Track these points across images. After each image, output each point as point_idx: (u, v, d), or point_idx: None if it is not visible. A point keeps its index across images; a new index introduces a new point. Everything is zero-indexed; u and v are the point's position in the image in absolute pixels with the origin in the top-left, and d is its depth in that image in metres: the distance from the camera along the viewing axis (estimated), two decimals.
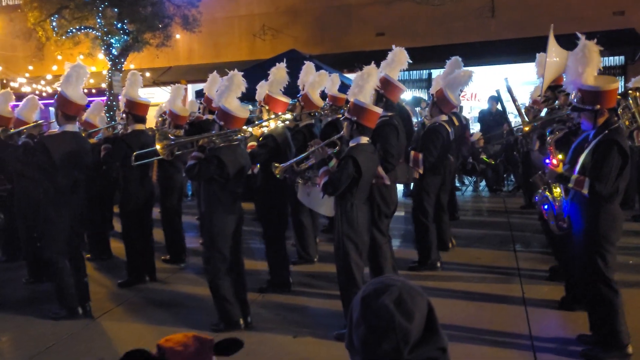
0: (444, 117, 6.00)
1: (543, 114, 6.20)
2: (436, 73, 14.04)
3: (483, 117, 11.42)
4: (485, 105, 12.22)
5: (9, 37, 15.49)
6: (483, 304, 5.13)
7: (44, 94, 14.78)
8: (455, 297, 5.29)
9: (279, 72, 5.83)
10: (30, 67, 15.51)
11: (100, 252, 7.07)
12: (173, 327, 4.77)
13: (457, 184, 10.61)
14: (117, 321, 5.02)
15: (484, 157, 10.14)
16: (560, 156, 4.39)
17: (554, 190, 4.61)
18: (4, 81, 15.54)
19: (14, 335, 4.88)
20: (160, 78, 16.21)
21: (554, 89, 5.52)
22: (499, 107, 10.38)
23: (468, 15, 14.61)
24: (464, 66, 6.40)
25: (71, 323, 4.91)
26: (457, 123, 6.65)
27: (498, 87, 6.82)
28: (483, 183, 11.45)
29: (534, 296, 5.19)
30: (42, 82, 15.50)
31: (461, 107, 9.36)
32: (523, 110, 6.03)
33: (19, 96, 7.48)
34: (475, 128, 11.85)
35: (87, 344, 4.55)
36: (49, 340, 4.59)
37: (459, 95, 6.48)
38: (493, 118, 10.84)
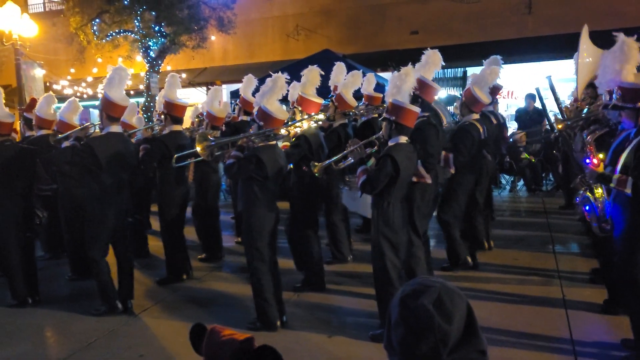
0: (475, 116, 5.91)
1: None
2: (471, 71, 13.89)
3: (520, 116, 11.19)
4: (522, 103, 11.98)
5: (52, 41, 15.99)
6: (522, 306, 5.03)
7: (84, 96, 15.21)
8: (493, 299, 5.21)
9: (312, 74, 5.83)
10: (72, 70, 15.98)
11: (139, 250, 7.23)
12: (209, 324, 4.82)
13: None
14: (155, 318, 5.12)
15: (525, 155, 9.94)
16: (600, 155, 4.27)
17: (596, 191, 4.49)
18: (47, 84, 16.03)
19: (57, 330, 5.04)
20: (195, 79, 16.48)
21: (595, 86, 5.37)
22: (537, 105, 10.16)
23: (504, 11, 14.37)
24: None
25: (112, 319, 5.05)
26: (495, 121, 6.53)
27: (538, 85, 6.66)
28: (521, 182, 11.22)
29: (575, 299, 5.07)
30: (83, 84, 15.95)
31: (496, 100, 9.15)
32: (564, 109, 5.88)
33: (62, 98, 7.71)
34: (512, 126, 11.62)
35: (127, 340, 4.66)
36: (91, 336, 4.72)
37: (491, 92, 6.33)
38: (530, 117, 10.61)
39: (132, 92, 14.59)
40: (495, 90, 6.58)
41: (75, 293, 5.94)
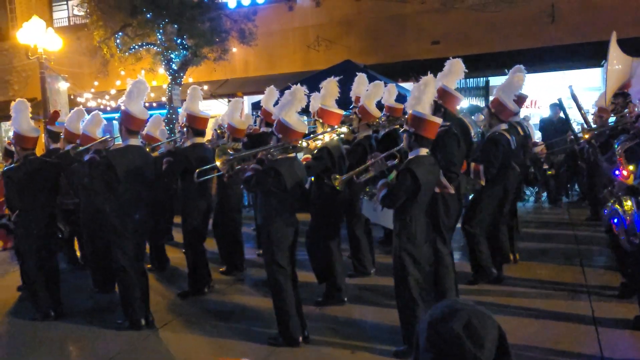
0: (504, 126, 5.82)
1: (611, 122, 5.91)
2: (494, 80, 13.75)
3: (544, 126, 11.01)
4: (545, 113, 11.79)
5: (76, 54, 16.28)
6: (548, 322, 4.89)
7: (108, 108, 15.42)
8: (518, 314, 5.08)
9: (331, 85, 5.78)
10: (96, 83, 16.24)
11: (160, 263, 7.25)
12: (231, 339, 4.81)
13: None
14: (177, 332, 5.10)
15: (546, 167, 9.75)
16: (631, 167, 4.17)
17: (625, 203, 4.37)
18: (72, 97, 16.30)
19: (79, 344, 5.06)
20: (217, 91, 16.60)
21: (626, 95, 5.25)
22: (562, 115, 9.98)
23: (526, 21, 14.21)
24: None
25: (133, 334, 5.03)
26: (522, 132, 6.42)
27: (561, 95, 6.55)
28: (545, 194, 11.01)
29: (605, 315, 4.90)
30: (107, 97, 16.20)
31: (527, 117, 9.04)
32: (591, 118, 5.76)
33: (87, 111, 7.81)
34: (536, 136, 11.43)
35: (148, 355, 4.65)
36: (112, 350, 4.72)
37: (516, 102, 6.23)
38: (554, 127, 10.43)
39: (154, 104, 14.78)
40: (520, 100, 6.48)
41: (97, 306, 5.96)
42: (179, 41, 13.71)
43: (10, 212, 5.67)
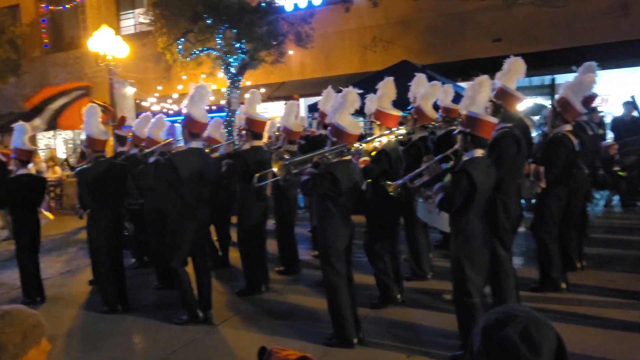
0: (568, 127, 5.56)
1: None
2: (560, 78, 13.21)
3: (616, 125, 10.46)
4: (617, 112, 11.20)
5: (142, 60, 16.94)
6: (619, 332, 4.65)
7: (170, 112, 15.98)
8: (585, 323, 4.85)
9: (388, 86, 5.71)
10: (159, 87, 16.84)
11: (219, 262, 7.43)
12: (287, 338, 4.86)
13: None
14: (235, 329, 5.22)
15: (617, 169, 9.25)
16: None
17: None
18: (137, 101, 16.97)
19: (143, 338, 5.27)
20: (274, 93, 16.82)
21: None
22: (636, 113, 9.46)
23: (596, 15, 13.55)
24: None
25: (194, 328, 5.20)
26: (590, 133, 6.12)
27: (633, 92, 6.20)
28: (616, 197, 10.45)
29: None
30: (169, 101, 16.76)
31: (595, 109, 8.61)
32: None
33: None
34: (608, 136, 10.89)
35: (208, 350, 4.78)
36: (175, 345, 4.89)
37: (585, 101, 5.93)
38: (627, 126, 9.88)
39: (214, 107, 15.15)
40: (589, 99, 6.17)
41: (161, 301, 6.19)
42: (237, 45, 13.99)
43: (82, 210, 6.02)
